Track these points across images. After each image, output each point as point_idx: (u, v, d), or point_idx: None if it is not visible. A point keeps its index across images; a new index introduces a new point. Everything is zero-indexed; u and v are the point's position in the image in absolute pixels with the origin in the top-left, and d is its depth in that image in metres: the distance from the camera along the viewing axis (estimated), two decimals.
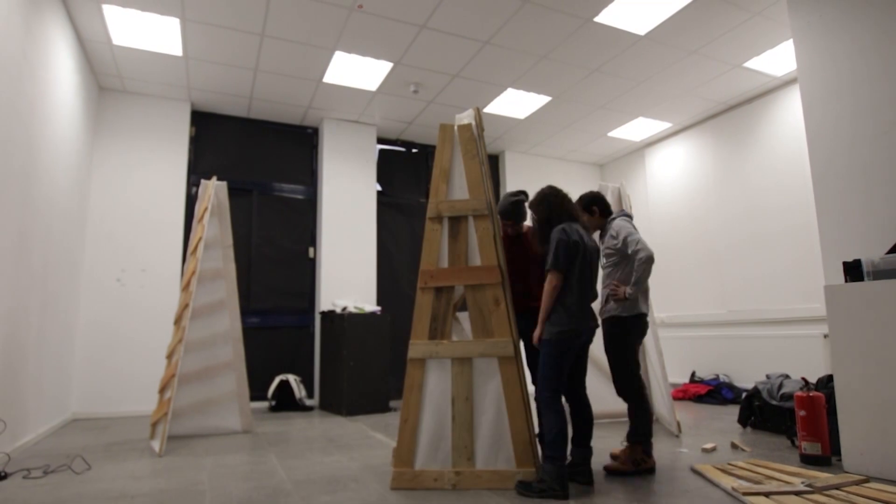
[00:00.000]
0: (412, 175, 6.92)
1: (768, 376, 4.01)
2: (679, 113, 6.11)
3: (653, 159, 7.02)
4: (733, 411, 4.48)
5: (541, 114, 6.08)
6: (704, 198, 6.25)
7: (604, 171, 7.83)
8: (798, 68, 3.54)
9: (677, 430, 3.74)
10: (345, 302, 5.69)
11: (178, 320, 3.87)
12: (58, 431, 4.18)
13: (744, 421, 3.92)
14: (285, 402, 5.41)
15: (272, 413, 5.26)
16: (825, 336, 4.28)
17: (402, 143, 6.90)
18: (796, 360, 3.81)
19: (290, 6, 4.08)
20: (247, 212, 5.91)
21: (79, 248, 4.86)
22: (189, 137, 5.65)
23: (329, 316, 5.58)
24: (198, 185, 5.44)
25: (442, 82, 5.34)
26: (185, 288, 3.88)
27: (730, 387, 5.30)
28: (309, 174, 6.34)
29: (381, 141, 6.71)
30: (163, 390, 3.68)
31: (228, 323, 4.15)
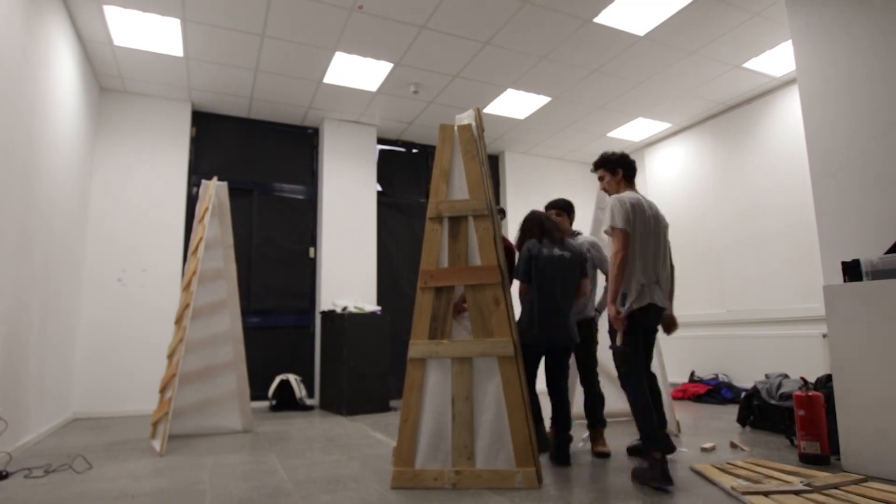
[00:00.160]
0: (412, 175, 6.93)
1: (767, 376, 4.01)
2: (678, 113, 6.12)
3: (652, 160, 7.02)
4: (732, 411, 4.49)
5: (541, 114, 6.09)
6: (704, 198, 6.26)
7: None
8: (797, 69, 3.55)
9: (677, 430, 3.74)
10: (345, 302, 5.69)
11: (178, 320, 3.87)
12: (59, 431, 4.19)
13: (743, 420, 3.92)
14: (286, 401, 5.41)
15: (273, 412, 5.26)
16: (824, 336, 4.28)
17: (403, 144, 6.91)
18: (795, 359, 3.81)
19: (290, 7, 4.09)
20: (247, 212, 5.91)
21: (80, 247, 4.86)
22: (190, 138, 5.66)
23: (329, 316, 5.58)
24: (198, 186, 5.46)
25: (442, 83, 5.35)
26: (186, 288, 3.89)
27: (729, 386, 5.31)
28: (309, 174, 6.35)
29: (381, 141, 6.72)
30: (164, 390, 3.68)
31: (229, 323, 4.15)
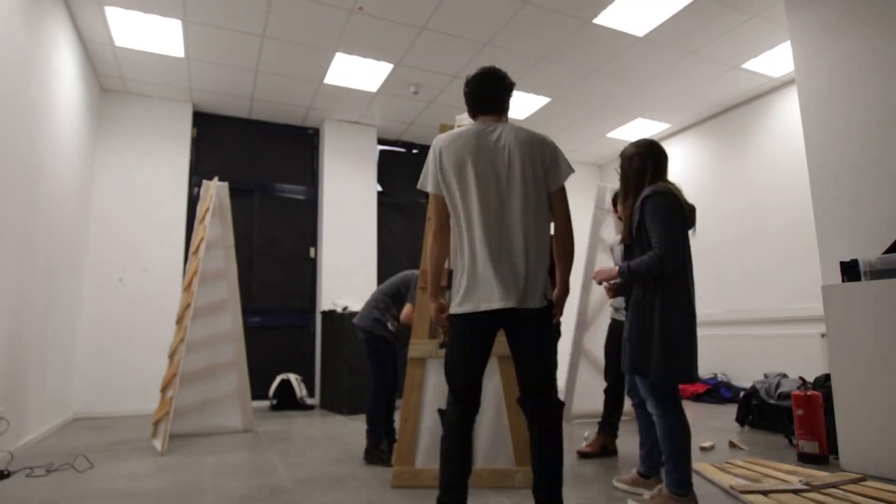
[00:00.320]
0: (412, 175, 6.91)
1: (766, 375, 4.03)
2: (678, 114, 6.13)
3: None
4: (731, 410, 4.50)
5: (540, 114, 6.10)
6: (703, 198, 6.27)
7: (603, 171, 7.84)
8: (795, 70, 3.56)
9: None
10: (345, 301, 5.71)
11: (180, 320, 3.88)
12: (60, 430, 4.20)
13: (742, 420, 3.94)
14: (286, 401, 5.43)
15: (273, 412, 5.28)
16: (822, 335, 4.29)
17: (403, 144, 6.93)
18: (794, 359, 3.82)
19: (290, 8, 4.10)
20: (248, 212, 5.92)
21: (82, 248, 4.88)
22: (191, 138, 5.67)
23: (330, 315, 5.59)
24: (199, 186, 5.48)
25: (442, 83, 5.36)
26: (187, 288, 3.90)
27: (728, 386, 5.33)
28: (310, 175, 6.36)
29: (381, 141, 6.73)
30: (165, 389, 3.69)
31: (230, 322, 4.17)
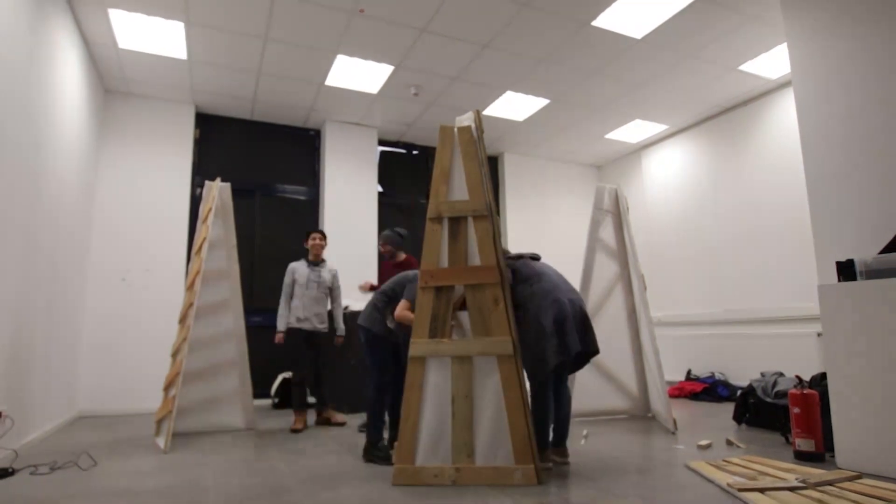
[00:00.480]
0: (413, 176, 6.97)
1: (763, 374, 4.05)
2: (675, 115, 6.16)
3: (650, 161, 7.06)
4: (728, 409, 4.52)
5: (539, 116, 6.13)
6: (700, 198, 6.30)
7: (601, 172, 7.88)
8: (792, 71, 3.58)
9: (673, 428, 3.78)
10: (346, 301, 5.71)
11: (182, 319, 3.90)
12: (64, 428, 4.22)
13: (739, 418, 3.95)
14: (288, 399, 5.39)
15: (275, 410, 5.30)
16: (819, 335, 4.31)
17: (403, 145, 6.96)
18: (790, 358, 3.84)
19: (292, 10, 4.13)
20: (250, 212, 5.96)
21: (85, 248, 4.90)
22: (193, 139, 5.70)
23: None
24: (202, 187, 5.51)
25: (442, 85, 5.39)
26: (190, 287, 3.91)
27: (725, 384, 5.35)
28: (311, 175, 6.39)
29: (382, 143, 6.76)
30: (168, 388, 3.70)
31: (232, 322, 4.20)
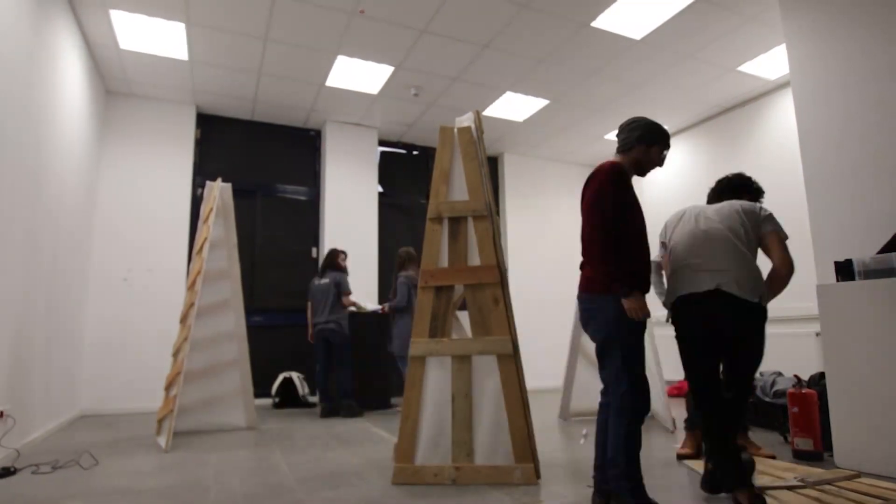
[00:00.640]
0: (413, 176, 6.98)
1: (761, 373, 4.06)
2: (675, 116, 6.16)
3: None
4: None
5: (539, 117, 6.14)
6: (699, 199, 6.27)
7: None
8: (790, 72, 3.59)
9: (672, 427, 3.80)
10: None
11: (183, 319, 3.91)
12: (66, 428, 4.24)
13: None
14: (288, 399, 5.46)
15: (276, 410, 5.31)
16: (817, 334, 4.32)
17: (403, 146, 6.97)
18: (789, 357, 3.85)
19: (293, 11, 4.15)
20: (251, 213, 5.97)
21: (87, 248, 4.92)
22: (194, 140, 5.72)
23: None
24: (203, 187, 5.52)
25: (442, 86, 5.41)
26: (191, 287, 3.93)
27: None
28: (312, 176, 6.41)
29: (382, 143, 6.77)
30: (169, 387, 3.72)
31: (233, 321, 4.20)
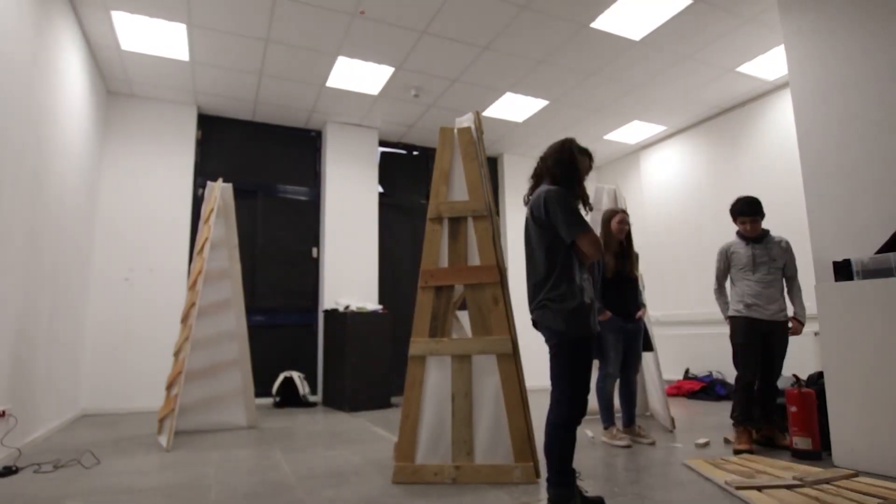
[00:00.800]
0: (413, 177, 7.00)
1: None
2: (673, 116, 6.18)
3: (648, 161, 7.08)
4: (726, 407, 4.52)
5: (538, 117, 6.15)
6: (698, 198, 6.32)
7: (600, 173, 7.90)
8: (789, 73, 3.59)
9: (671, 426, 3.81)
10: (347, 301, 5.76)
11: (184, 319, 3.93)
12: (67, 427, 4.25)
13: None
14: (289, 398, 5.47)
15: (277, 409, 5.32)
16: (816, 334, 4.33)
17: (404, 146, 6.98)
18: (788, 357, 3.85)
19: (293, 12, 4.16)
20: (252, 213, 5.98)
21: (88, 248, 4.93)
22: (195, 140, 5.73)
23: (332, 314, 5.65)
24: (204, 187, 5.53)
25: (442, 86, 5.42)
26: (192, 287, 3.94)
27: (723, 383, 5.37)
28: (312, 176, 6.42)
29: (382, 144, 6.79)
30: (170, 387, 3.73)
31: (234, 321, 4.22)
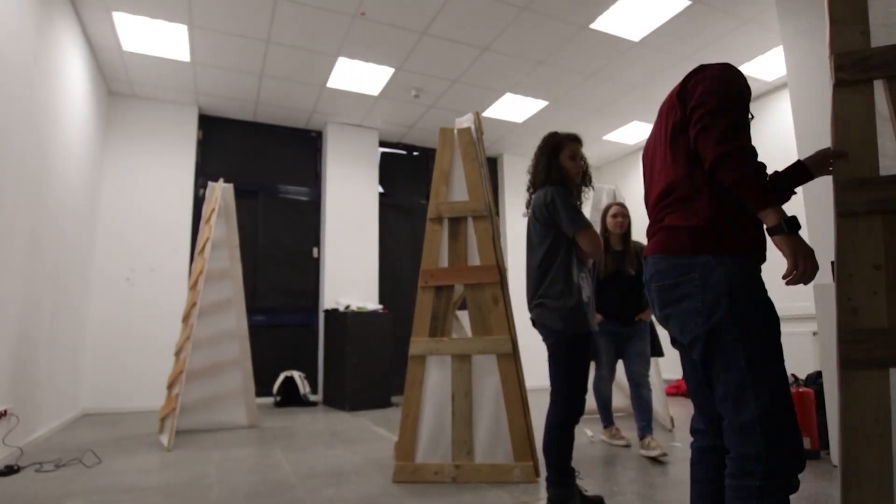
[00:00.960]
0: (413, 177, 7.01)
1: None
2: None
3: None
4: None
5: (538, 118, 6.16)
6: None
7: (599, 173, 7.90)
8: (788, 73, 3.60)
9: (671, 425, 3.83)
10: (348, 300, 5.77)
11: (186, 318, 3.94)
12: (69, 426, 4.26)
13: None
14: (290, 397, 5.48)
15: (277, 408, 5.33)
16: (814, 334, 4.34)
17: (404, 147, 7.00)
18: (786, 356, 3.89)
19: (294, 13, 4.17)
20: (253, 213, 6.00)
21: (89, 248, 4.95)
22: (196, 141, 5.75)
23: (332, 314, 5.66)
24: (205, 187, 5.53)
25: (442, 87, 5.43)
26: (193, 287, 3.96)
27: None
28: (313, 176, 6.44)
29: (383, 144, 6.80)
30: (171, 386, 3.75)
31: (235, 321, 4.23)
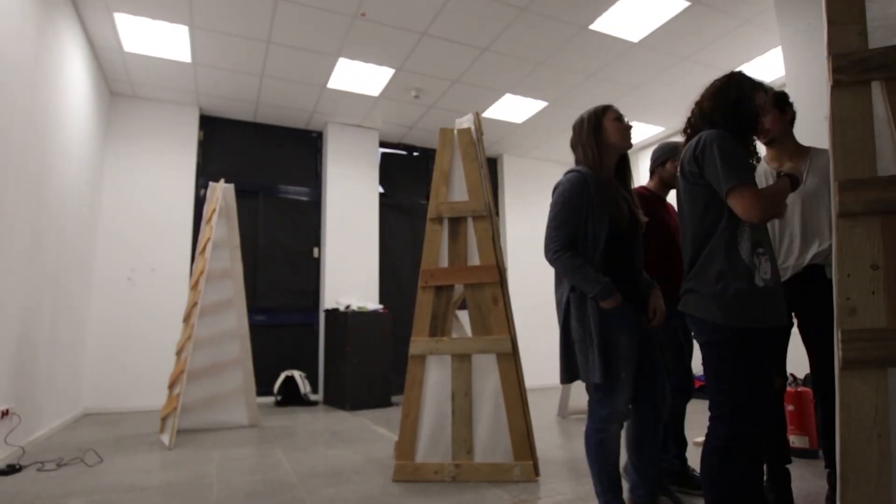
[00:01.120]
0: (413, 177, 7.02)
1: None
2: (672, 117, 6.18)
3: (647, 162, 7.06)
4: None
5: (538, 118, 6.17)
6: None
7: None
8: (786, 74, 3.61)
9: None
10: (348, 300, 5.78)
11: (186, 318, 3.95)
12: (70, 426, 4.27)
13: None
14: (291, 397, 5.49)
15: (278, 408, 5.34)
16: None
17: (404, 147, 7.01)
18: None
19: (295, 14, 4.19)
20: (253, 213, 6.01)
21: (91, 248, 4.96)
22: (197, 141, 5.76)
23: (333, 314, 5.67)
24: (206, 188, 5.54)
25: (442, 88, 5.44)
26: (194, 287, 3.97)
27: None
28: (313, 177, 6.45)
29: (383, 144, 6.81)
30: (172, 386, 3.76)
31: (236, 321, 4.24)
